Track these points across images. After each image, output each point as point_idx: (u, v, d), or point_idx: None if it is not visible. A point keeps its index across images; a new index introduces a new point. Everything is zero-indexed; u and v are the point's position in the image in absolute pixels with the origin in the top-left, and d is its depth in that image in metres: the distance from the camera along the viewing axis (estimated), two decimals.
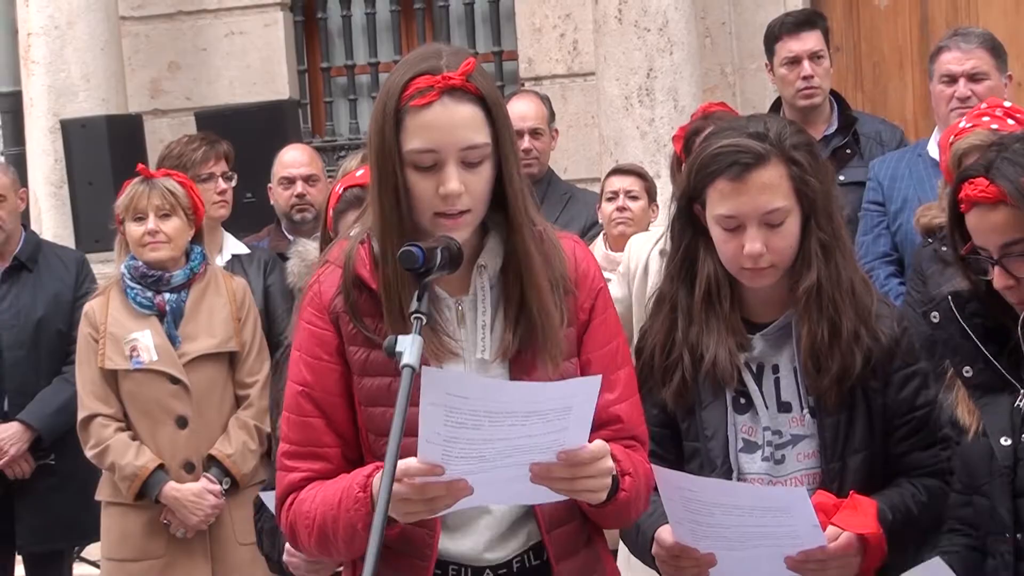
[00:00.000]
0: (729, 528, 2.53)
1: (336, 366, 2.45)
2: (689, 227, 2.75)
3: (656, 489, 2.57)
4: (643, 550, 2.74)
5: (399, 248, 2.33)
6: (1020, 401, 2.59)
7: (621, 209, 5.18)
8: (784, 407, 2.72)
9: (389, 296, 2.39)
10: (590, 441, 2.32)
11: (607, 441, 2.41)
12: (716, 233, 2.70)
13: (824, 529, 2.56)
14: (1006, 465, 2.57)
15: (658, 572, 2.74)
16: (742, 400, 2.73)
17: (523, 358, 2.43)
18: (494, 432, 2.21)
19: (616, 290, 4.55)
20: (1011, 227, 2.51)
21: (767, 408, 2.71)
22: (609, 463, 2.31)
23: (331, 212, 3.28)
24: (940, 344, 2.65)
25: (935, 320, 2.63)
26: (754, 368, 2.73)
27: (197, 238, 4.59)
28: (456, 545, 2.43)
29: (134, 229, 4.48)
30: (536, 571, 2.46)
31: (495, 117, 2.37)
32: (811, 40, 5.04)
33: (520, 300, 2.41)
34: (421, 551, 2.40)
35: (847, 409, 2.69)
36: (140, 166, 4.67)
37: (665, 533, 2.64)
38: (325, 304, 2.45)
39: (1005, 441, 2.57)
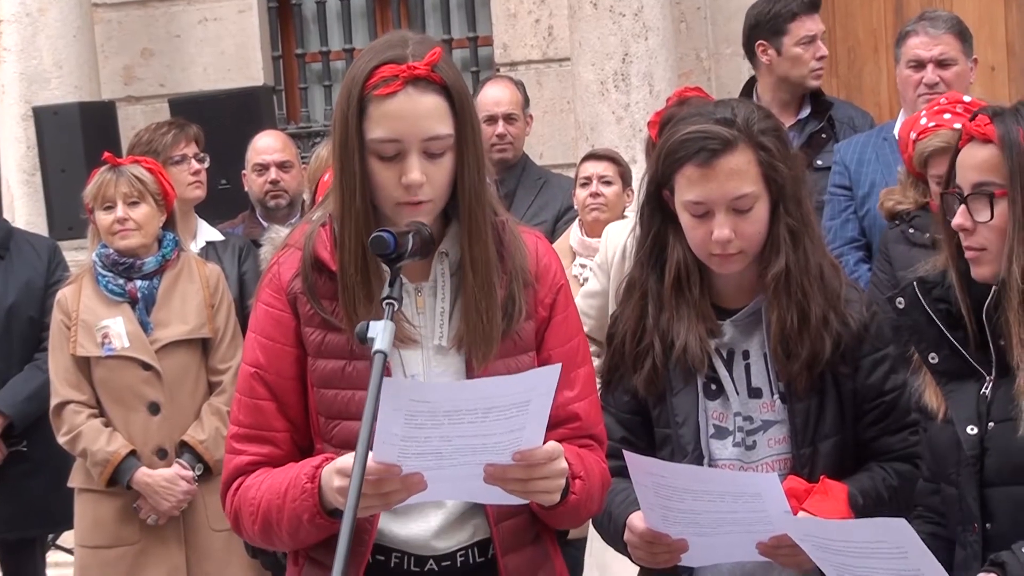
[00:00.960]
0: (700, 514, 2.53)
1: (291, 349, 2.44)
2: (658, 213, 2.75)
3: (614, 481, 2.58)
4: (615, 537, 2.74)
5: (356, 234, 2.35)
6: (986, 388, 2.59)
7: (595, 195, 5.17)
8: (755, 393, 2.72)
9: (345, 281, 2.39)
10: (545, 441, 2.32)
11: (564, 439, 2.42)
12: (685, 219, 2.69)
13: (795, 514, 2.55)
14: (972, 454, 2.57)
15: (631, 559, 2.74)
16: (713, 386, 2.73)
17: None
18: (452, 431, 2.21)
19: (595, 284, 4.55)
20: (988, 168, 2.55)
21: (738, 394, 2.71)
22: (563, 464, 2.32)
23: (320, 200, 3.26)
24: (905, 330, 2.65)
25: (900, 306, 2.63)
26: (724, 354, 2.73)
27: (170, 224, 4.57)
28: (404, 529, 2.43)
29: (103, 218, 4.46)
30: (480, 568, 2.46)
31: (459, 108, 2.37)
32: (820, 21, 5.07)
33: (471, 289, 2.41)
34: (359, 536, 2.38)
35: (817, 394, 2.69)
36: (107, 154, 4.65)
37: (637, 519, 2.64)
38: (283, 285, 2.46)
39: (971, 430, 2.58)
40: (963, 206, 2.57)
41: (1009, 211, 2.53)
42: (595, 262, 4.62)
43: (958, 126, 3.68)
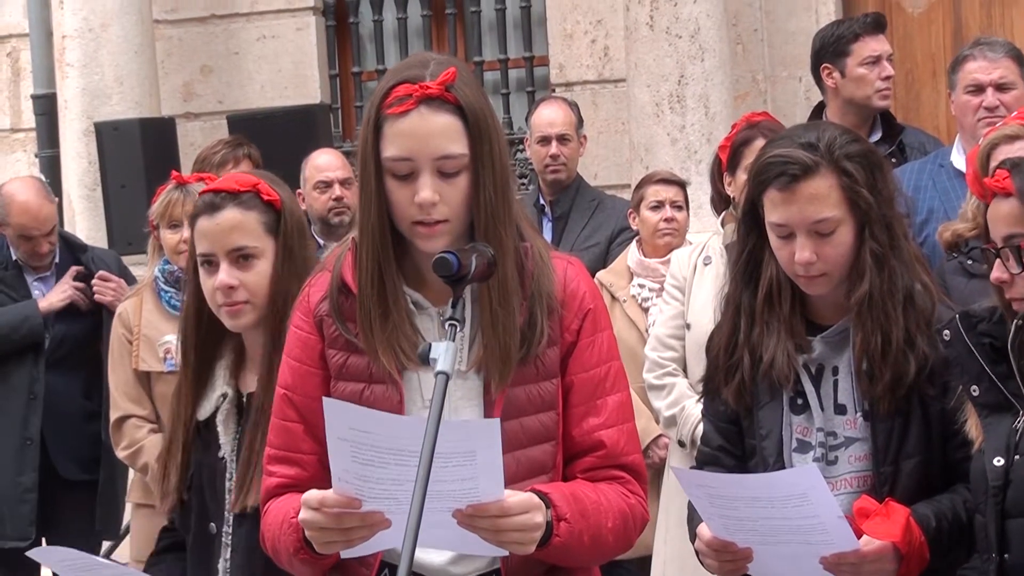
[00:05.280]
0: (757, 521, 2.55)
1: (317, 371, 2.47)
2: (754, 230, 2.78)
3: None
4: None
5: (373, 253, 2.38)
6: (1018, 422, 2.62)
7: (668, 220, 5.19)
8: (840, 409, 2.75)
9: (362, 299, 2.41)
10: (569, 475, 2.36)
11: (591, 468, 2.43)
12: (772, 239, 2.74)
13: (859, 537, 2.57)
14: (996, 485, 2.60)
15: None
16: (799, 400, 2.76)
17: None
18: (401, 472, 2.19)
19: (675, 306, 4.60)
20: (1013, 220, 2.59)
21: (822, 410, 2.75)
22: (534, 519, 2.29)
23: None
24: (951, 362, 2.68)
25: (946, 339, 2.66)
26: (813, 370, 2.77)
27: None
28: (422, 553, 2.38)
29: (169, 236, 4.50)
30: None
31: (475, 128, 2.37)
32: (886, 42, 5.04)
33: (487, 311, 2.40)
34: (363, 557, 2.40)
35: (902, 414, 2.71)
36: (174, 173, 4.69)
37: (704, 528, 2.66)
38: (311, 308, 2.48)
39: (998, 461, 2.61)
40: (998, 260, 2.61)
41: None
42: (671, 285, 4.65)
43: None
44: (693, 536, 2.75)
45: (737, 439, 2.83)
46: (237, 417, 2.80)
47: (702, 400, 2.93)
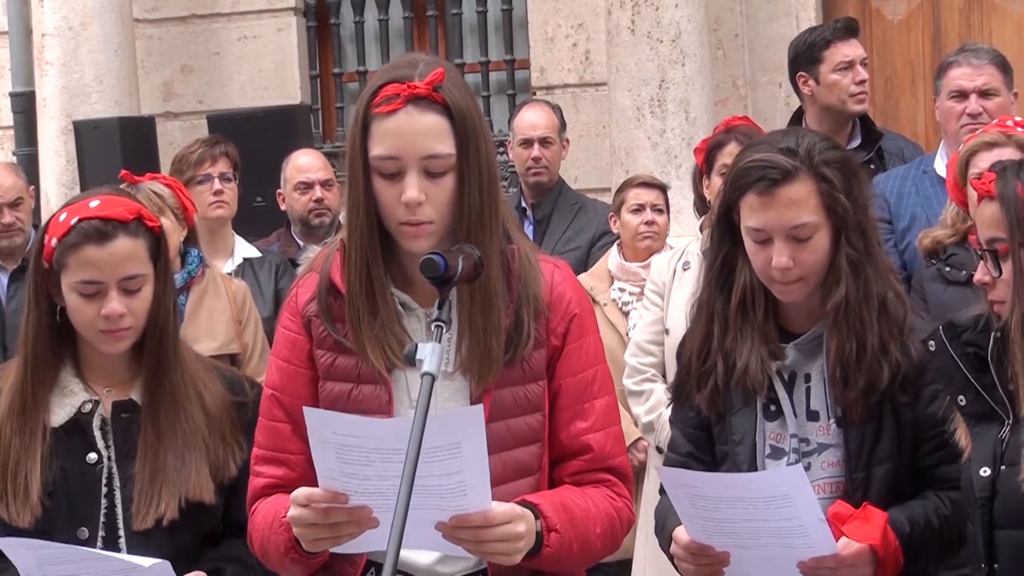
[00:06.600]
0: (738, 523, 2.56)
1: (305, 371, 2.48)
2: (728, 236, 2.78)
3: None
4: (667, 550, 2.77)
5: (361, 251, 2.39)
6: (1003, 432, 2.63)
7: (649, 223, 5.20)
8: (812, 415, 2.76)
9: (351, 298, 2.42)
10: (557, 481, 2.36)
11: (578, 472, 2.45)
12: (748, 244, 2.74)
13: (838, 537, 2.58)
14: (983, 496, 2.61)
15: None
16: (772, 407, 2.77)
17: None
18: (387, 469, 2.20)
19: (655, 312, 4.60)
20: (996, 224, 2.61)
21: (795, 416, 2.75)
22: (516, 528, 2.29)
23: None
24: (937, 372, 2.69)
25: (932, 348, 2.68)
26: (786, 376, 2.77)
27: (192, 240, 4.54)
28: (408, 553, 2.41)
29: None
30: None
31: (461, 128, 2.38)
32: (859, 46, 5.04)
33: (469, 311, 2.41)
34: (349, 556, 2.41)
35: (874, 421, 2.71)
36: (123, 172, 4.62)
37: (681, 532, 2.66)
38: (299, 308, 2.49)
39: (984, 472, 2.62)
40: (981, 262, 2.63)
41: (1012, 263, 2.58)
42: (650, 290, 4.66)
43: (1010, 123, 3.70)
44: (665, 542, 2.75)
45: (706, 445, 2.82)
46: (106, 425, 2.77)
47: (671, 407, 2.93)
